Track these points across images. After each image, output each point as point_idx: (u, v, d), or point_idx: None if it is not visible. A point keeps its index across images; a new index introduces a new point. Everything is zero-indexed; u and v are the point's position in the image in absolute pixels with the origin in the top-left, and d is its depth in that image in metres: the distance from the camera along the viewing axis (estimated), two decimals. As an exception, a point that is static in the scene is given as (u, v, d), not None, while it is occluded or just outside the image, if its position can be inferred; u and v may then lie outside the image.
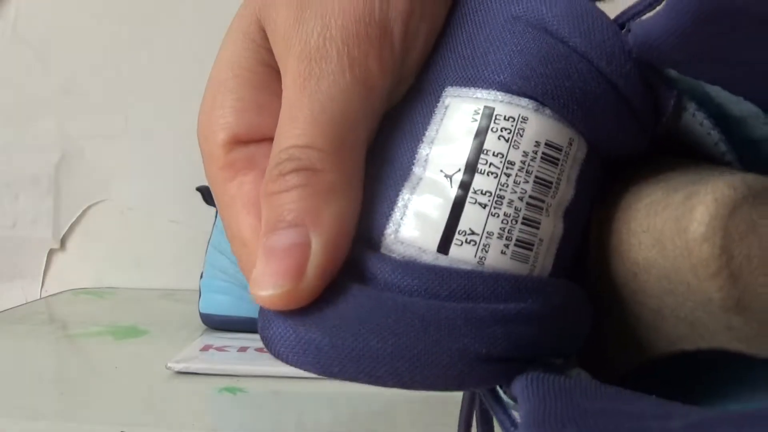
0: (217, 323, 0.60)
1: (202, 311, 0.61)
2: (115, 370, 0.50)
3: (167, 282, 0.83)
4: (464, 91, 0.18)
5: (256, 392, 0.44)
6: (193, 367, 0.47)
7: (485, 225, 0.17)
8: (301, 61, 0.19)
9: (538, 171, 0.18)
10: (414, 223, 0.18)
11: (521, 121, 0.18)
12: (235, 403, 0.42)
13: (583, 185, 0.19)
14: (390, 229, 0.18)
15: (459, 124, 0.18)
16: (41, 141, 0.86)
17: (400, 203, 0.18)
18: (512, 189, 0.17)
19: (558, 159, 0.18)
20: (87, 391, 0.45)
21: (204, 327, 0.61)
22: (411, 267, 0.17)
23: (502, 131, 0.18)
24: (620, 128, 0.19)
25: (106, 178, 0.87)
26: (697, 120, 0.19)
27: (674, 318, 0.18)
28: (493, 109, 0.18)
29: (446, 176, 0.18)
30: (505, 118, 0.18)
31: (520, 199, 0.18)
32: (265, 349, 0.45)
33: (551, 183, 0.18)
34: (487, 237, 0.17)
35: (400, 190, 0.18)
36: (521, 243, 0.18)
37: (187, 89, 0.86)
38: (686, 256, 0.16)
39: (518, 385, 0.16)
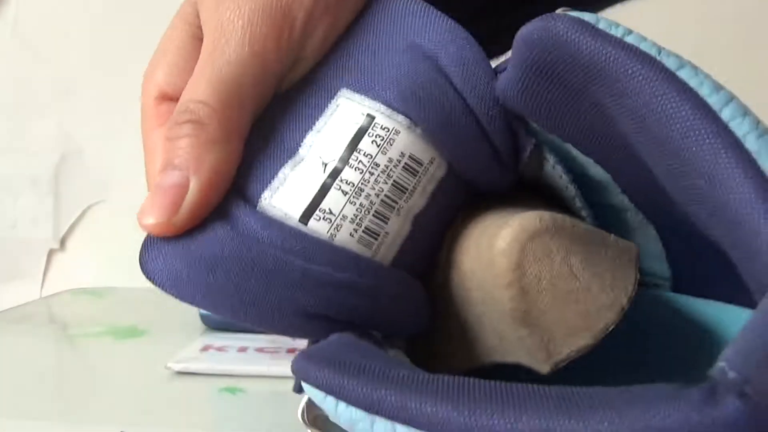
0: (217, 323, 0.60)
1: (202, 311, 0.61)
2: (115, 370, 0.50)
3: (167, 282, 0.82)
4: (356, 96, 0.22)
5: (256, 392, 0.44)
6: (193, 367, 0.47)
7: (342, 209, 0.20)
8: (214, 32, 0.23)
9: (397, 177, 0.21)
10: (287, 193, 0.21)
11: (394, 133, 0.21)
12: (235, 403, 0.42)
13: (438, 199, 0.22)
14: (266, 194, 0.21)
15: (344, 123, 0.21)
16: (41, 141, 0.86)
17: (280, 175, 0.21)
18: (372, 186, 0.21)
19: (418, 171, 0.21)
20: (87, 391, 0.45)
21: (204, 327, 0.61)
22: (273, 223, 0.20)
23: (376, 137, 0.21)
24: (480, 161, 0.22)
25: (106, 178, 0.87)
26: (556, 173, 0.22)
27: (489, 329, 0.20)
28: (374, 117, 0.21)
29: (323, 162, 0.21)
30: (381, 127, 0.21)
31: (377, 195, 0.21)
32: (265, 350, 0.47)
33: (407, 189, 0.21)
34: (341, 219, 0.20)
35: (282, 165, 0.21)
36: (368, 231, 0.21)
37: (187, 89, 0.86)
38: (491, 267, 0.19)
39: (331, 337, 0.20)
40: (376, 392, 0.16)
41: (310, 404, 0.20)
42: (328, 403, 0.17)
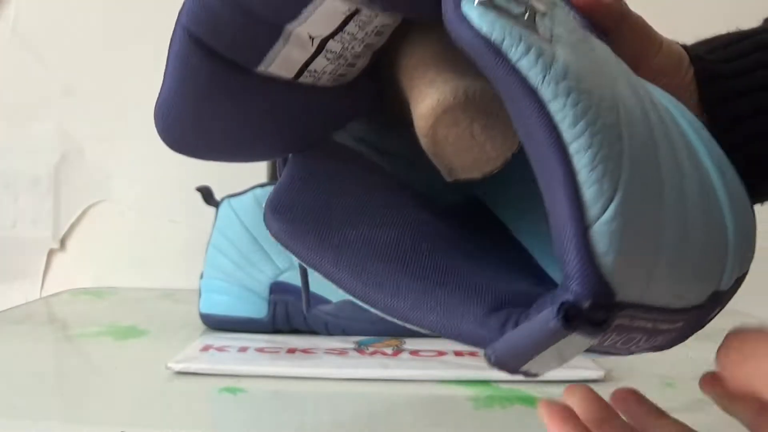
0: (217, 323, 0.60)
1: (202, 311, 0.61)
2: (115, 370, 0.50)
3: (167, 282, 0.83)
4: None
5: (256, 392, 0.44)
6: (193, 367, 0.47)
7: (324, 68, 0.26)
8: None
9: (369, 41, 0.26)
10: (280, 63, 0.25)
11: (374, 16, 0.25)
12: (235, 403, 0.42)
13: (390, 35, 0.28)
14: (262, 66, 0.25)
15: (332, 12, 0.25)
16: (41, 141, 0.87)
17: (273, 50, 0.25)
18: (350, 50, 0.26)
19: (383, 33, 0.26)
20: (87, 391, 0.45)
21: (204, 327, 0.61)
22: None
23: (359, 21, 0.25)
24: (428, 16, 0.25)
25: (106, 178, 0.87)
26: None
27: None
28: (360, 9, 0.25)
29: (310, 37, 0.25)
30: (365, 14, 0.25)
31: (352, 54, 0.26)
32: (265, 350, 0.48)
33: (373, 45, 0.26)
34: (323, 73, 0.26)
35: (274, 42, 0.25)
36: (341, 75, 0.26)
37: (187, 89, 0.86)
38: (416, 119, 0.25)
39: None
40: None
41: None
42: None
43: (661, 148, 0.21)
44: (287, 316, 0.59)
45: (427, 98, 0.25)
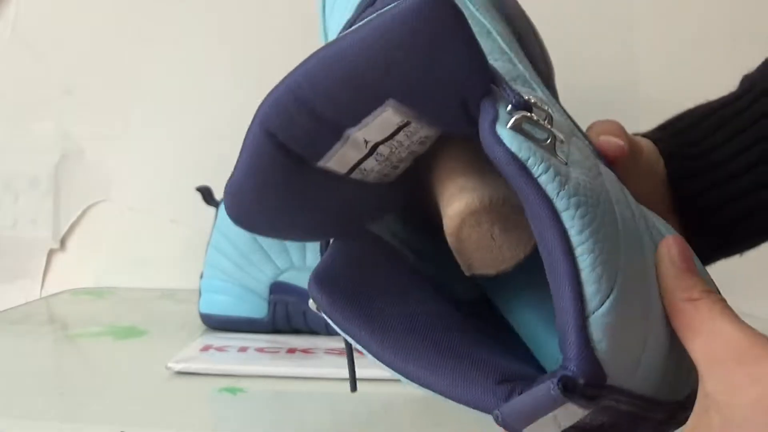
0: (217, 323, 0.60)
1: (202, 311, 0.61)
2: (115, 370, 0.50)
3: (167, 282, 0.83)
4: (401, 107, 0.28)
5: (256, 392, 0.44)
6: (193, 367, 0.47)
7: (373, 167, 0.29)
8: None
9: (414, 148, 0.29)
10: (337, 161, 0.28)
11: (420, 128, 0.28)
12: (235, 403, 0.42)
13: (430, 144, 0.31)
14: (322, 161, 0.28)
15: (388, 122, 0.28)
16: (41, 141, 0.86)
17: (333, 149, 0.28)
18: (396, 155, 0.29)
19: (426, 142, 0.29)
20: (87, 391, 0.45)
21: (204, 327, 0.61)
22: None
23: (407, 131, 0.28)
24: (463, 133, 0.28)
25: (106, 178, 0.87)
26: None
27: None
28: (409, 122, 0.27)
29: (365, 141, 0.28)
30: (413, 126, 0.28)
31: (398, 158, 0.29)
32: (265, 350, 0.49)
33: (416, 152, 0.30)
34: (370, 172, 0.29)
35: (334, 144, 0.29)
36: (385, 175, 0.30)
37: (187, 90, 0.86)
38: (444, 218, 0.29)
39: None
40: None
41: None
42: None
43: (648, 260, 0.26)
44: (287, 316, 0.59)
45: (456, 201, 0.29)
